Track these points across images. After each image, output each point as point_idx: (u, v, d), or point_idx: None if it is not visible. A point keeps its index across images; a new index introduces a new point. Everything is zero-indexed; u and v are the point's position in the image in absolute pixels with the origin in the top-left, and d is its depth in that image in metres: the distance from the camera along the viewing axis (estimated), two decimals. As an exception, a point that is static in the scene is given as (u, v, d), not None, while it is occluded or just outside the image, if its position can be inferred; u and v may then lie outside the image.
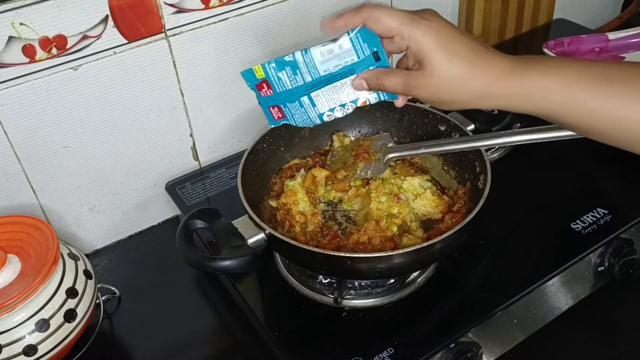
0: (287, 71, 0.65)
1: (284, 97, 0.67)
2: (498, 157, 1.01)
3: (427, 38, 0.56)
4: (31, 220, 0.78)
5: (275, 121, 0.70)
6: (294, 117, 0.69)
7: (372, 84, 0.63)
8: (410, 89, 0.60)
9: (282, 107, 0.68)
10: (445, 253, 0.76)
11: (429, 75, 0.57)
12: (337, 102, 0.66)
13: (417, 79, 0.58)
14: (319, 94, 0.66)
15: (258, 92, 0.68)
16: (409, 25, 0.57)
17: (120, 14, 0.82)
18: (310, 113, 0.68)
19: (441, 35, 0.56)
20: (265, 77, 0.66)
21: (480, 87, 0.56)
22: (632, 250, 0.86)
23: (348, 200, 0.88)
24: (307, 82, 0.65)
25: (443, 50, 0.56)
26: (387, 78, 0.61)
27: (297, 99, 0.67)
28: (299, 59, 0.64)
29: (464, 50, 0.56)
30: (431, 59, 0.56)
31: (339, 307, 0.79)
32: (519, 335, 0.83)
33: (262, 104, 0.69)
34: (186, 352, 0.82)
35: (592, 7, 1.47)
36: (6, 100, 0.80)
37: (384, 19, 0.58)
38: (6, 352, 0.70)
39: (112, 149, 0.92)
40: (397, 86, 0.61)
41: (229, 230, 0.76)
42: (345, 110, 0.67)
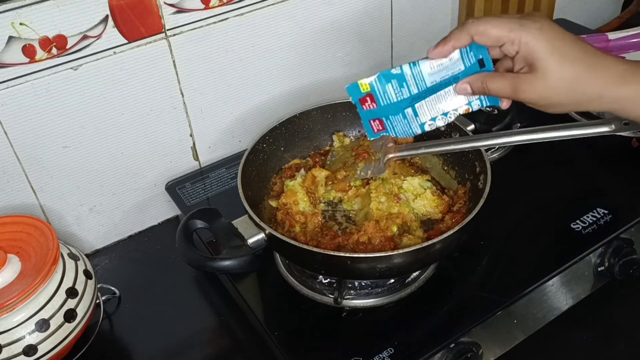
0: (394, 84, 0.64)
1: (387, 110, 0.66)
2: (498, 157, 1.01)
3: (539, 41, 0.56)
4: (31, 220, 0.78)
5: (375, 134, 0.70)
6: (395, 129, 0.68)
7: (476, 88, 0.62)
8: (518, 92, 0.59)
9: (383, 120, 0.67)
10: (445, 253, 0.76)
11: (541, 78, 0.56)
12: (440, 111, 0.66)
13: (527, 81, 0.57)
14: (423, 105, 0.65)
15: (360, 106, 0.67)
16: (518, 30, 0.56)
17: (120, 14, 0.82)
18: (412, 123, 0.67)
19: (553, 38, 0.56)
20: (370, 90, 0.65)
21: (592, 90, 0.56)
22: (632, 250, 0.86)
23: (348, 200, 0.88)
24: (413, 94, 0.64)
25: (556, 53, 0.55)
26: (493, 81, 0.60)
27: (400, 111, 0.66)
28: (406, 72, 0.63)
29: (577, 53, 0.56)
30: (544, 61, 0.56)
31: (339, 307, 0.79)
32: (519, 335, 0.83)
33: (362, 117, 0.68)
34: (186, 352, 0.82)
35: (592, 7, 1.47)
36: (6, 100, 0.80)
37: (490, 31, 0.58)
38: (6, 352, 0.70)
39: (112, 149, 0.92)
40: (504, 89, 0.60)
41: (229, 230, 0.76)
42: (447, 119, 0.66)
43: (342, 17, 1.05)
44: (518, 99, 0.60)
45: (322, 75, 1.10)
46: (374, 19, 1.10)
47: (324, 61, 1.08)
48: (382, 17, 1.10)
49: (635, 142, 1.01)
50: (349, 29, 1.07)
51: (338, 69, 1.10)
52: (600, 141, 0.69)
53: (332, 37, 1.06)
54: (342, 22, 1.05)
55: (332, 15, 1.04)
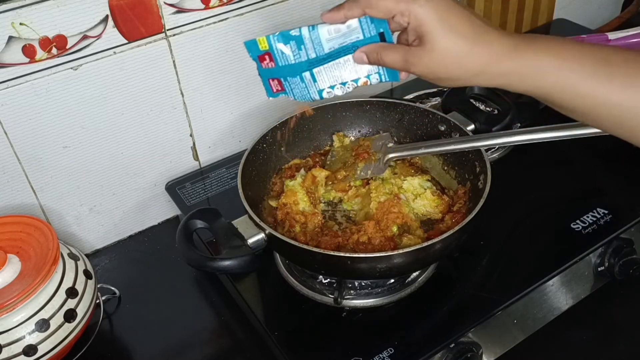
0: (292, 45, 0.64)
1: (285, 70, 0.66)
2: (498, 157, 1.01)
3: (427, 13, 0.56)
4: (31, 220, 0.78)
5: (274, 93, 0.69)
6: (293, 91, 0.68)
7: (372, 58, 0.62)
8: (409, 65, 0.59)
9: (282, 81, 0.67)
10: (445, 253, 0.76)
11: (429, 51, 0.56)
12: (339, 80, 0.66)
13: (416, 55, 0.58)
14: (321, 70, 0.65)
15: (260, 63, 0.67)
16: (408, 1, 0.56)
17: (120, 14, 0.82)
18: (311, 88, 0.67)
19: (440, 10, 0.56)
20: (269, 49, 0.65)
21: (478, 64, 0.56)
22: (632, 250, 0.86)
23: (348, 200, 0.88)
24: (311, 58, 0.64)
25: (443, 25, 0.55)
26: (387, 53, 0.61)
27: (298, 74, 0.66)
28: (304, 35, 0.63)
29: (464, 26, 0.56)
30: (431, 34, 0.56)
31: (339, 307, 0.79)
32: (519, 335, 0.83)
33: (262, 75, 0.68)
34: (186, 352, 0.82)
35: (592, 7, 1.47)
36: (6, 100, 0.80)
37: (380, 4, 0.58)
38: (6, 352, 0.70)
39: (112, 149, 0.92)
40: (396, 61, 0.60)
41: (229, 230, 0.76)
42: (345, 89, 0.66)
43: (342, 17, 1.05)
44: (409, 71, 0.60)
45: (322, 75, 1.09)
46: (374, 19, 1.09)
47: (324, 61, 1.08)
48: (382, 17, 1.10)
49: (635, 142, 1.01)
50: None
51: (338, 69, 1.10)
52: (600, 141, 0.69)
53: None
54: (342, 22, 1.05)
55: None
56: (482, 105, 1.01)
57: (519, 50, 0.55)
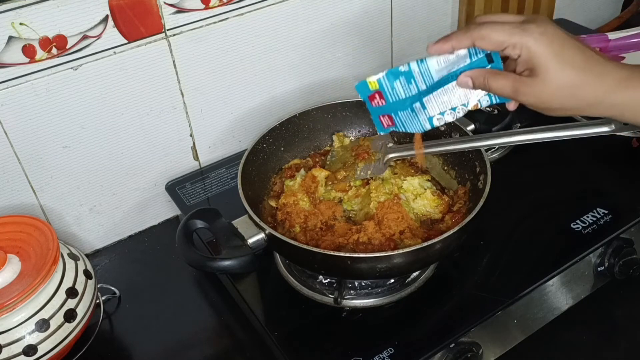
0: (402, 81, 0.64)
1: (396, 106, 0.66)
2: (498, 157, 1.01)
3: (540, 46, 0.56)
4: (31, 220, 0.78)
5: (385, 129, 0.69)
6: (404, 124, 0.68)
7: (477, 83, 0.61)
8: (518, 94, 0.59)
9: (392, 116, 0.67)
10: (445, 253, 0.76)
11: (541, 83, 0.57)
12: (448, 106, 0.65)
13: (527, 85, 0.58)
14: (431, 98, 0.65)
15: (370, 102, 0.67)
16: (520, 34, 0.56)
17: (120, 14, 0.82)
18: (421, 117, 0.66)
19: (554, 43, 0.56)
20: (379, 88, 0.65)
21: (592, 96, 0.56)
22: (632, 250, 0.86)
23: (348, 200, 0.88)
24: (421, 90, 0.64)
25: (557, 58, 0.55)
26: (495, 79, 0.60)
27: (409, 106, 0.66)
28: (414, 69, 0.63)
29: (578, 58, 0.56)
30: (544, 67, 0.56)
31: (339, 307, 0.79)
32: (519, 335, 0.83)
33: (372, 113, 0.68)
34: (186, 352, 0.82)
35: (592, 7, 1.47)
36: (6, 100, 0.80)
37: (491, 36, 0.58)
38: (6, 352, 0.70)
39: (112, 149, 0.92)
40: (505, 89, 0.59)
41: (229, 230, 0.76)
42: (455, 114, 0.65)
43: (342, 17, 1.05)
44: (518, 100, 0.60)
45: (322, 75, 1.10)
46: (374, 19, 1.10)
47: (324, 61, 1.08)
48: (382, 18, 1.10)
49: (635, 142, 1.01)
50: (349, 30, 1.07)
51: (338, 69, 1.10)
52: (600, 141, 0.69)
53: (332, 37, 1.06)
54: (342, 22, 1.05)
55: (332, 15, 1.04)
56: (482, 105, 1.01)
57: (632, 81, 0.55)
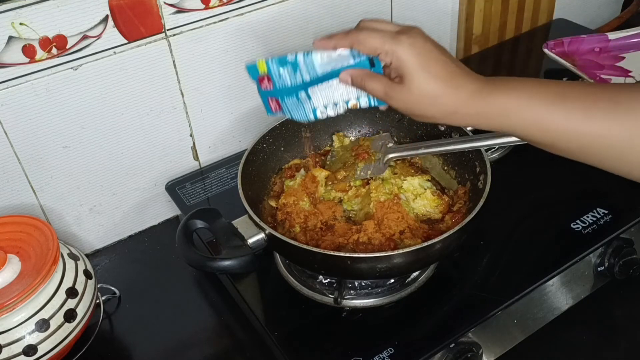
0: (288, 69, 0.68)
1: (282, 91, 0.70)
2: (498, 157, 1.01)
3: (408, 56, 0.60)
4: (31, 220, 0.78)
5: (273, 112, 0.73)
6: (290, 111, 0.72)
7: (356, 81, 0.66)
8: (388, 98, 0.63)
9: (279, 100, 0.71)
10: (445, 253, 0.76)
11: (407, 90, 0.61)
12: (331, 100, 0.69)
13: (396, 90, 0.62)
14: (315, 90, 0.69)
15: (259, 84, 0.71)
16: (391, 43, 0.60)
17: (120, 14, 0.82)
18: (306, 107, 0.70)
19: (422, 54, 0.60)
20: (268, 72, 0.69)
21: (450, 106, 0.60)
22: (632, 250, 0.86)
23: (348, 200, 0.88)
24: (306, 81, 0.68)
25: (422, 69, 0.60)
26: (370, 81, 0.64)
27: (294, 94, 0.70)
28: (299, 60, 0.67)
29: (441, 71, 0.60)
30: (411, 76, 0.60)
31: (339, 307, 0.79)
32: (519, 335, 0.83)
33: (261, 95, 0.72)
34: (186, 352, 0.82)
35: (592, 7, 1.47)
36: (6, 100, 0.80)
37: (367, 41, 0.62)
38: (6, 352, 0.70)
39: (112, 149, 0.92)
40: (378, 91, 0.64)
41: (229, 230, 0.76)
42: (337, 109, 0.70)
43: (342, 17, 1.05)
44: (388, 103, 0.64)
45: (322, 75, 1.10)
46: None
47: (324, 61, 1.08)
48: (382, 17, 1.10)
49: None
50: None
51: (338, 69, 1.10)
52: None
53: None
54: (343, 22, 1.05)
55: (333, 15, 1.04)
56: (482, 105, 1.01)
57: (482, 93, 0.59)
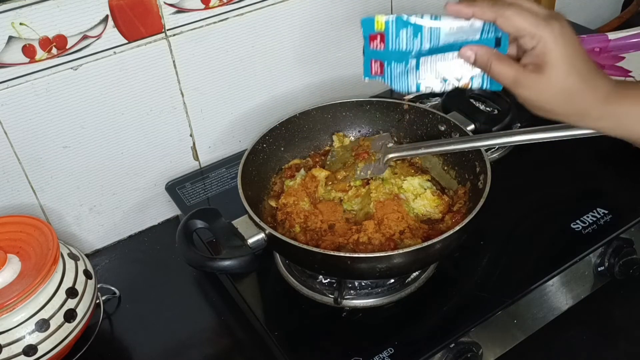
0: (408, 32, 0.61)
1: (393, 55, 0.63)
2: (498, 157, 1.01)
3: (557, 45, 0.55)
4: (31, 220, 0.78)
5: (372, 75, 0.66)
6: (392, 77, 0.65)
7: (480, 60, 0.60)
8: (518, 86, 0.58)
9: (384, 64, 0.64)
10: (445, 253, 0.76)
11: (545, 81, 0.56)
12: (441, 74, 0.63)
13: (531, 79, 0.57)
14: (427, 60, 0.63)
15: (369, 42, 0.63)
16: (543, 27, 0.55)
17: (120, 14, 0.82)
18: (411, 78, 0.64)
19: (570, 46, 0.55)
20: (384, 30, 0.62)
21: (584, 105, 0.57)
22: (632, 250, 0.86)
23: (348, 200, 0.88)
24: (424, 49, 0.62)
25: (567, 62, 0.55)
26: (499, 62, 0.58)
27: (404, 60, 0.63)
28: (424, 25, 0.61)
29: (584, 67, 0.56)
30: (554, 66, 0.55)
31: (339, 307, 0.79)
32: (519, 335, 0.83)
33: (366, 54, 0.65)
34: (186, 352, 0.82)
35: (592, 7, 1.47)
36: (6, 100, 0.80)
37: (515, 19, 0.56)
38: (6, 352, 0.70)
39: (112, 149, 0.92)
40: (506, 76, 0.58)
41: (229, 230, 0.76)
42: (445, 85, 0.64)
43: (342, 17, 1.05)
44: (515, 91, 0.59)
45: (322, 75, 1.10)
46: (374, 19, 1.09)
47: (324, 61, 1.08)
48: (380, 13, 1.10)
49: (635, 142, 1.01)
50: (349, 30, 1.07)
51: (338, 69, 1.10)
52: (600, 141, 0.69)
53: (332, 37, 1.06)
54: (342, 22, 1.05)
55: (332, 15, 1.04)
56: (482, 105, 1.01)
57: (617, 96, 0.56)
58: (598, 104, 0.57)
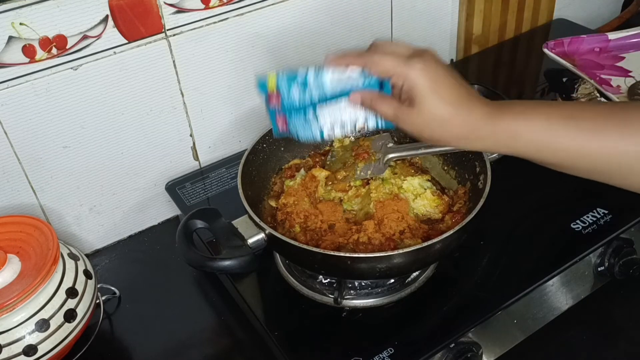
0: (297, 86, 0.67)
1: (290, 109, 0.69)
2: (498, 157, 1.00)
3: (420, 80, 0.60)
4: (31, 220, 0.78)
5: (279, 133, 0.72)
6: (297, 130, 0.71)
7: (366, 102, 0.66)
8: (398, 120, 0.64)
9: (287, 119, 0.70)
10: (445, 253, 0.76)
11: (417, 113, 0.61)
12: (339, 120, 0.69)
13: (405, 113, 0.62)
14: (323, 109, 0.68)
15: (268, 102, 0.70)
16: (404, 66, 0.61)
17: (120, 14, 0.82)
18: (313, 127, 0.70)
19: (433, 79, 0.60)
20: (277, 88, 0.68)
21: (460, 130, 0.61)
22: (632, 250, 0.86)
23: (348, 200, 0.88)
24: (314, 100, 0.68)
25: (433, 93, 0.60)
26: (380, 102, 0.65)
27: (302, 113, 0.69)
28: (310, 78, 0.67)
29: (452, 96, 0.60)
30: (421, 100, 0.60)
31: (339, 307, 0.79)
32: (519, 335, 0.83)
33: (270, 114, 0.71)
34: (186, 352, 0.82)
35: (592, 7, 1.47)
36: (6, 100, 0.80)
37: (381, 63, 0.63)
38: (6, 352, 0.70)
39: (112, 149, 0.92)
40: (388, 113, 0.64)
41: (229, 230, 0.76)
42: (344, 130, 0.70)
43: (342, 17, 1.05)
44: (398, 126, 0.64)
45: (322, 75, 1.10)
46: (374, 19, 1.10)
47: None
48: (382, 17, 1.10)
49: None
50: (348, 30, 1.07)
51: (338, 69, 1.10)
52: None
53: (332, 37, 1.06)
54: (342, 22, 1.05)
55: (332, 15, 1.04)
56: (482, 105, 1.01)
57: (491, 117, 0.60)
58: (475, 127, 0.60)
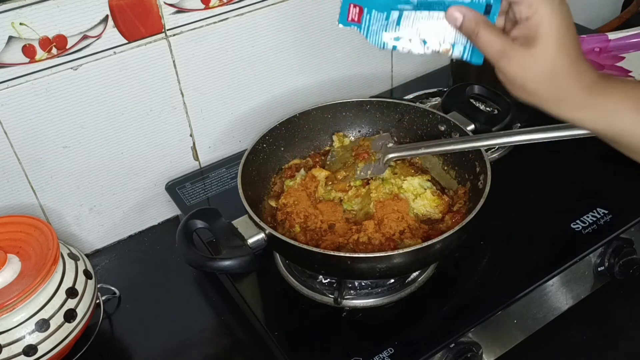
0: None
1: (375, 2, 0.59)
2: (498, 157, 1.01)
3: (554, 19, 0.51)
4: (31, 220, 0.78)
5: (348, 22, 0.61)
6: (369, 28, 0.60)
7: (467, 25, 0.55)
8: (502, 59, 0.54)
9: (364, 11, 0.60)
10: (445, 253, 0.76)
11: (532, 57, 0.52)
12: (423, 35, 0.59)
13: (518, 52, 0.53)
14: (410, 16, 0.58)
15: None
16: None
17: (120, 14, 0.82)
18: (389, 31, 0.59)
19: (566, 24, 0.52)
20: None
21: (566, 90, 0.53)
22: (632, 250, 0.86)
23: (348, 200, 0.88)
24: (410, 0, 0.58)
25: (561, 40, 0.52)
26: (487, 30, 0.54)
27: (387, 10, 0.59)
28: None
29: (576, 50, 0.53)
30: (545, 42, 0.51)
31: (339, 307, 0.79)
32: (519, 335, 0.83)
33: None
34: (186, 352, 0.82)
35: (592, 7, 1.47)
36: (6, 100, 0.80)
37: None
38: (6, 352, 0.70)
39: (112, 149, 0.92)
40: (492, 46, 0.54)
41: (229, 230, 0.76)
42: (424, 48, 0.59)
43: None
44: (498, 65, 0.54)
45: (322, 75, 1.10)
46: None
47: (324, 61, 1.08)
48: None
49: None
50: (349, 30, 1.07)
51: (338, 69, 1.10)
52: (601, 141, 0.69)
53: (332, 37, 1.06)
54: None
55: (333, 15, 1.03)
56: (482, 105, 1.01)
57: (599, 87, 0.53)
58: (581, 92, 0.53)
